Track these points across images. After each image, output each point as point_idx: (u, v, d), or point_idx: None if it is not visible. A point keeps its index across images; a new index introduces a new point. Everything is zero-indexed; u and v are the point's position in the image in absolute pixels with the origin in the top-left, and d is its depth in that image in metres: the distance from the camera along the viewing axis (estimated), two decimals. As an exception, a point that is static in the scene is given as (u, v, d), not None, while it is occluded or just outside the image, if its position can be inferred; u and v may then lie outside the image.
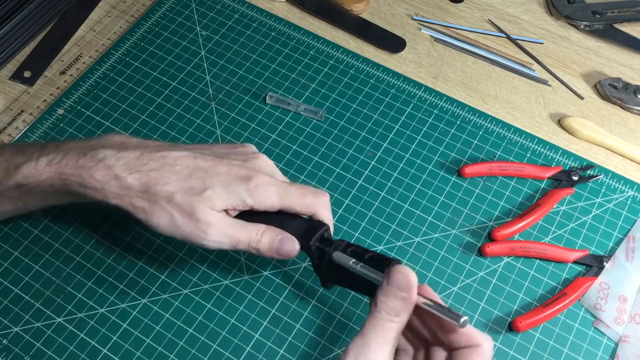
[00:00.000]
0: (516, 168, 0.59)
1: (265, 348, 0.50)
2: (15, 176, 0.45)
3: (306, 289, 0.53)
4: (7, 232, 0.54)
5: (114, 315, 0.51)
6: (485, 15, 0.71)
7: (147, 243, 0.54)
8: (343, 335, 0.51)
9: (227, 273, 0.53)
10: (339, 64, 0.65)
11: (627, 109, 0.64)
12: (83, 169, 0.44)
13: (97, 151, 0.45)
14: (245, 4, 0.69)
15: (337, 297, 0.52)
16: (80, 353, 0.49)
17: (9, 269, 0.53)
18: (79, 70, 0.64)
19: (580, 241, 0.56)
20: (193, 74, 0.64)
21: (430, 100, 0.64)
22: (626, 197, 0.59)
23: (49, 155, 0.45)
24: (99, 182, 0.44)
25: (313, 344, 0.50)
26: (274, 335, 0.51)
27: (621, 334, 0.51)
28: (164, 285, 0.52)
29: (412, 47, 0.68)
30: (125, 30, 0.67)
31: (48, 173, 0.45)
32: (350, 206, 0.57)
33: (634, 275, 0.54)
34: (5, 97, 0.62)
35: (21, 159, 0.45)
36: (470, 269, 0.54)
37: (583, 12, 0.70)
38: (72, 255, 0.54)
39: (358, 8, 0.69)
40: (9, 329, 0.50)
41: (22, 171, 0.45)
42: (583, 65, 0.68)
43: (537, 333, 0.52)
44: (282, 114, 0.62)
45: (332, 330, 0.51)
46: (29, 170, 0.45)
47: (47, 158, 0.45)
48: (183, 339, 0.50)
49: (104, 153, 0.44)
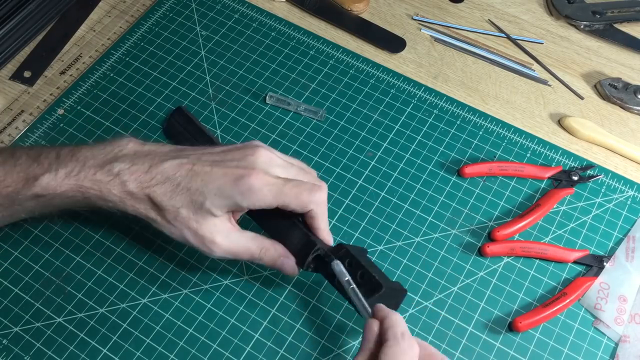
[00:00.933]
0: (516, 168, 0.59)
1: (265, 348, 0.50)
2: (34, 188, 0.45)
3: (306, 289, 0.53)
4: (7, 232, 0.54)
5: (114, 315, 0.51)
6: (485, 15, 0.71)
7: (147, 243, 0.54)
8: (343, 335, 0.51)
9: (227, 273, 0.53)
10: (339, 64, 0.65)
11: (627, 109, 0.64)
12: (101, 183, 0.45)
13: (113, 165, 0.45)
14: (245, 4, 0.69)
15: (337, 297, 0.52)
16: (80, 353, 0.49)
17: (9, 269, 0.53)
18: (79, 70, 0.64)
19: (580, 241, 0.56)
20: (193, 74, 0.64)
21: (430, 100, 0.64)
22: (626, 197, 0.59)
23: (67, 166, 0.45)
24: (117, 196, 0.45)
25: (313, 344, 0.50)
26: (274, 335, 0.51)
27: (621, 334, 0.51)
28: (164, 285, 0.52)
29: (412, 47, 0.68)
30: (125, 30, 0.67)
31: (67, 185, 0.45)
32: (350, 206, 0.57)
33: (634, 275, 0.54)
34: (5, 97, 0.62)
35: (39, 170, 0.45)
36: (470, 269, 0.54)
37: (583, 12, 0.70)
38: (72, 255, 0.54)
39: (358, 8, 0.69)
40: (9, 329, 0.50)
41: (40, 183, 0.45)
42: (583, 65, 0.68)
43: (537, 333, 0.52)
44: (282, 114, 0.62)
45: (332, 330, 0.51)
46: (47, 182, 0.45)
47: (65, 170, 0.45)
48: (183, 339, 0.50)
49: (119, 167, 0.45)
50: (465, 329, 0.52)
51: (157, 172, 0.45)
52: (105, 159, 0.46)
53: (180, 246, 0.54)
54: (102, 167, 0.45)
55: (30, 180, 0.45)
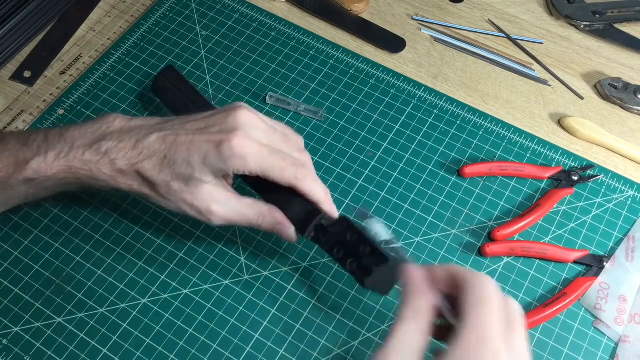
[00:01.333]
0: (516, 168, 0.59)
1: (265, 348, 0.50)
2: (25, 172, 0.45)
3: (306, 289, 0.53)
4: (7, 232, 0.54)
5: (114, 315, 0.51)
6: (485, 15, 0.71)
7: (147, 243, 0.54)
8: (343, 335, 0.51)
9: (227, 273, 0.53)
10: (339, 64, 0.65)
11: (627, 109, 0.64)
12: (91, 162, 0.45)
13: (101, 144, 0.45)
14: (245, 4, 0.69)
15: (337, 297, 0.52)
16: (80, 353, 0.49)
17: (9, 269, 0.53)
18: (79, 70, 0.64)
19: (580, 241, 0.56)
20: (193, 74, 0.64)
21: (430, 100, 0.64)
22: (626, 197, 0.59)
23: (55, 148, 0.45)
24: (107, 175, 0.45)
25: (313, 344, 0.50)
26: (274, 335, 0.51)
27: (621, 334, 0.51)
28: (164, 285, 0.52)
29: (412, 47, 0.68)
30: (125, 30, 0.67)
31: (58, 167, 0.45)
32: (351, 206, 0.57)
33: (634, 275, 0.54)
34: (5, 97, 0.62)
35: (28, 153, 0.45)
36: (470, 269, 0.54)
37: (583, 12, 0.70)
38: (72, 255, 0.54)
39: (358, 8, 0.69)
40: (9, 329, 0.50)
41: (31, 166, 0.45)
42: (583, 65, 0.68)
43: (537, 333, 0.52)
44: (282, 114, 0.62)
45: (332, 330, 0.51)
46: (38, 165, 0.45)
47: (54, 152, 0.45)
48: (183, 339, 0.50)
49: (107, 145, 0.45)
50: (465, 329, 0.51)
51: (144, 147, 0.45)
52: (93, 138, 0.45)
53: (181, 246, 0.54)
54: (90, 146, 0.45)
55: (21, 164, 0.45)
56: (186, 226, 0.55)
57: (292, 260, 0.54)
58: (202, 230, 0.55)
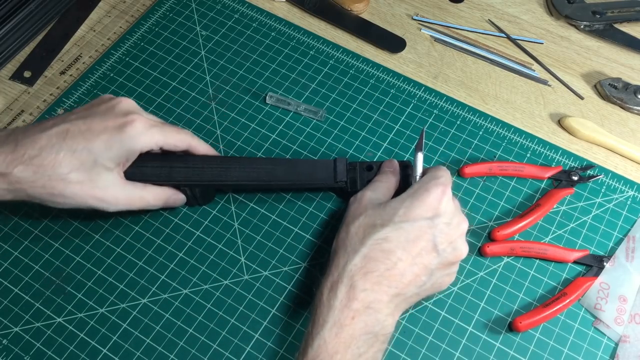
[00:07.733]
0: (516, 168, 0.59)
1: (265, 348, 0.50)
2: None
3: (306, 289, 0.53)
4: (7, 232, 0.54)
5: (114, 315, 0.51)
6: (485, 15, 0.71)
7: (147, 243, 0.54)
8: (343, 335, 0.51)
9: (227, 273, 0.53)
10: (339, 64, 0.65)
11: (627, 109, 0.64)
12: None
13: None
14: (245, 4, 0.69)
15: (337, 297, 0.52)
16: (80, 353, 0.49)
17: (9, 269, 0.53)
18: (79, 70, 0.64)
19: (580, 241, 0.56)
20: (193, 74, 0.64)
21: (430, 100, 0.64)
22: (626, 197, 0.59)
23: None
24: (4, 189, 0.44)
25: (313, 344, 0.50)
26: (274, 335, 0.51)
27: (621, 334, 0.51)
28: (164, 285, 0.52)
29: (412, 47, 0.68)
30: (125, 30, 0.67)
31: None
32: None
33: (634, 275, 0.54)
34: (5, 97, 0.62)
35: None
36: (470, 269, 0.54)
37: (583, 12, 0.70)
38: (72, 255, 0.54)
39: (358, 8, 0.69)
40: (9, 329, 0.50)
41: None
42: (583, 65, 0.68)
43: (537, 333, 0.52)
44: (282, 114, 0.62)
45: (332, 330, 0.51)
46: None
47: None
48: (183, 339, 0.50)
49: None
50: (465, 329, 0.52)
51: (28, 148, 0.44)
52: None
53: (181, 246, 0.54)
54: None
55: None
56: (186, 226, 0.55)
57: (292, 260, 0.54)
58: (202, 230, 0.55)
